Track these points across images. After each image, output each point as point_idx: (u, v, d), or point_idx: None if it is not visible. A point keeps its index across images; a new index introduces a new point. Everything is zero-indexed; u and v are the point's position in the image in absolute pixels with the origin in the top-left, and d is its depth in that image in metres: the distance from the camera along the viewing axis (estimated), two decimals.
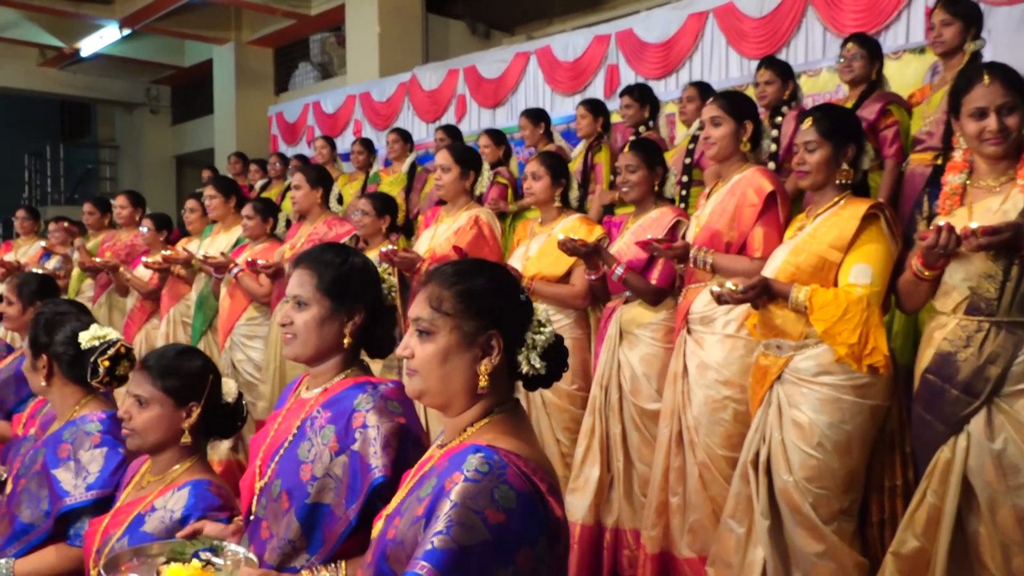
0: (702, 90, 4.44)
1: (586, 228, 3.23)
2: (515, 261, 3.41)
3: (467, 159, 3.62)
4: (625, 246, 3.08)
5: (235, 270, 4.27)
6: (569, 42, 6.56)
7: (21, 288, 3.27)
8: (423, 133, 7.77)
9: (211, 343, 4.73)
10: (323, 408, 1.65)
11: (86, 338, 2.07)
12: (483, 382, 1.31)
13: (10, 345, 3.62)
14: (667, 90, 5.80)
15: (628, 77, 6.12)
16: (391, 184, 5.99)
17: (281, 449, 1.65)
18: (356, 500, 1.52)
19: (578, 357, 3.24)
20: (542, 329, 1.35)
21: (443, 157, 3.60)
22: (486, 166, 3.71)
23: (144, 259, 5.08)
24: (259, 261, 4.01)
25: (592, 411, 3.07)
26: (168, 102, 12.80)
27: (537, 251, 3.33)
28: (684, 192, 4.20)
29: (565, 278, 3.23)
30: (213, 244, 4.88)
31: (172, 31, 10.20)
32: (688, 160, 4.23)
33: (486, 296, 1.33)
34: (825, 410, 2.28)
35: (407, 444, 1.56)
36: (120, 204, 5.83)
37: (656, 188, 3.12)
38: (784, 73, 4.10)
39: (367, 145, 6.43)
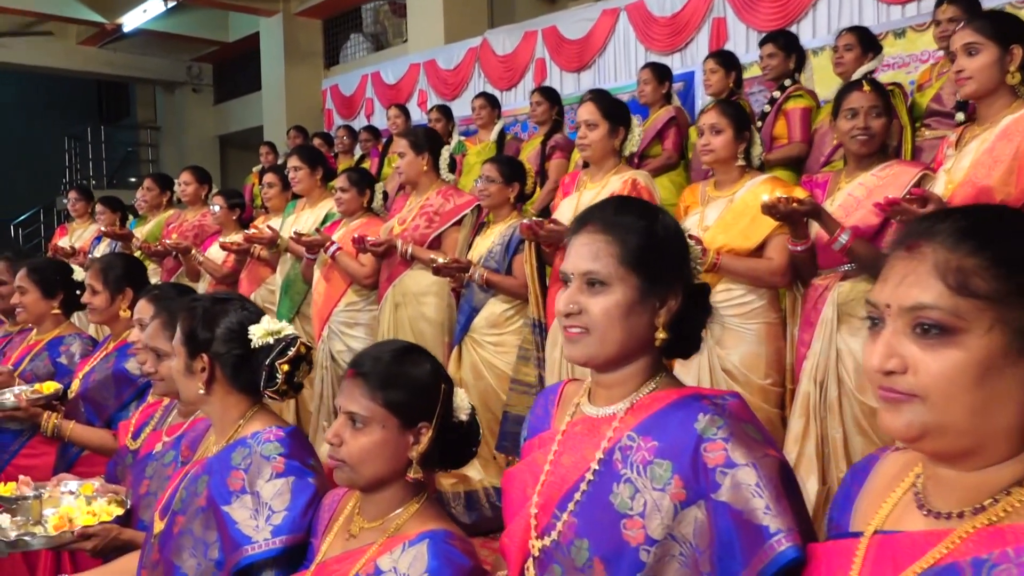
0: (861, 36, 3.85)
1: (783, 190, 2.68)
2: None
3: (616, 113, 3.09)
4: (841, 209, 2.53)
5: (332, 249, 3.78)
6: None
7: (106, 273, 2.79)
8: None
9: (299, 331, 4.26)
10: (639, 434, 1.13)
11: (258, 333, 1.57)
12: None
13: (95, 339, 3.15)
14: None
15: (737, 31, 5.53)
16: (478, 154, 5.47)
17: (577, 493, 1.14)
18: None
19: (772, 346, 2.71)
20: None
21: (588, 111, 3.07)
22: (635, 121, 3.17)
23: (221, 239, 4.62)
24: (368, 237, 3.50)
25: (804, 412, 2.54)
26: (210, 80, 12.34)
27: (718, 219, 2.78)
28: None
29: (758, 251, 2.69)
30: (298, 221, 4.39)
31: (218, 3, 9.71)
32: None
33: None
34: None
35: (792, 490, 1.04)
36: (184, 180, 5.37)
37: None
38: (973, 9, 3.50)
39: (445, 112, 5.90)
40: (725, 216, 2.77)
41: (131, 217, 6.16)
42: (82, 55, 11.23)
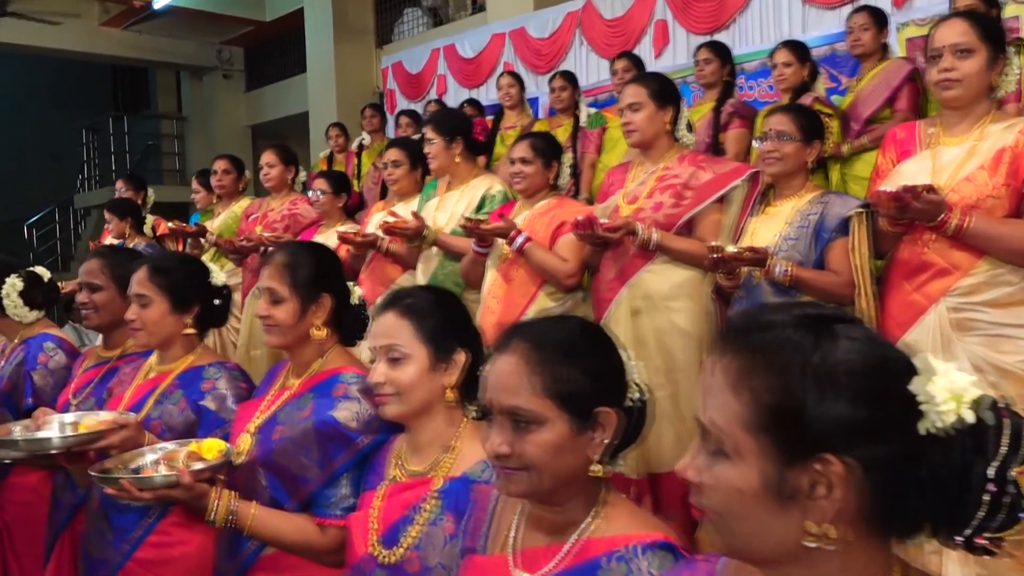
0: None
1: None
2: None
3: (994, 34, 2.15)
4: None
5: (520, 240, 2.84)
6: None
7: (294, 272, 1.82)
8: (595, 74, 6.28)
9: None
10: None
11: (943, 394, 0.65)
12: None
13: (245, 373, 2.16)
14: None
15: None
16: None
17: None
18: None
19: None
20: None
21: (961, 32, 2.12)
22: (1011, 50, 2.23)
23: (340, 229, 3.68)
24: (601, 220, 2.55)
25: None
26: (241, 65, 11.34)
27: None
28: None
29: None
30: (441, 207, 3.46)
31: None
32: None
33: None
34: None
35: None
36: (268, 163, 4.48)
37: None
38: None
39: (571, 79, 4.94)
40: None
41: (147, 218, 5.30)
42: (104, 38, 10.22)
